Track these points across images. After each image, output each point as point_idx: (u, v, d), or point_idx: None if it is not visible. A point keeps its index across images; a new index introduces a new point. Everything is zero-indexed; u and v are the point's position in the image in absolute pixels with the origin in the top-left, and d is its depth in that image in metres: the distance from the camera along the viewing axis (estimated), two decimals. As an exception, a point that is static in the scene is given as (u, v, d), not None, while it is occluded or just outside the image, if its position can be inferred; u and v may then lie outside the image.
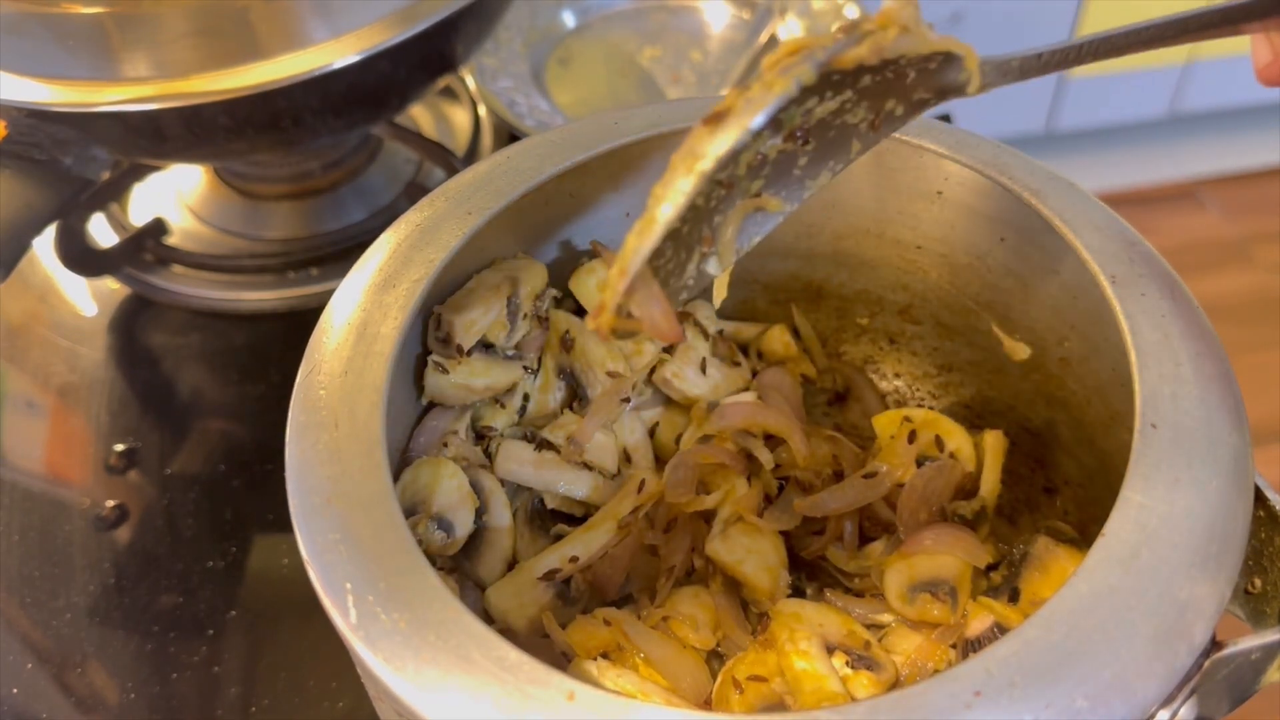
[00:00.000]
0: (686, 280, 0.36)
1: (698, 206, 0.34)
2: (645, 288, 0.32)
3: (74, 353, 0.66)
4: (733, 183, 0.35)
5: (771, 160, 0.35)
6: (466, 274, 0.44)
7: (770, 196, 0.36)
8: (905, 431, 0.46)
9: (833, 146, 0.36)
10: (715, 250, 0.36)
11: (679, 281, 0.36)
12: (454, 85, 0.83)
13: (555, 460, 0.46)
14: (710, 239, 0.36)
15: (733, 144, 0.30)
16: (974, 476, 0.46)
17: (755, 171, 0.35)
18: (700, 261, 0.36)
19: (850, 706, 0.27)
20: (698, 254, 0.36)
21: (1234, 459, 0.32)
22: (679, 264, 0.35)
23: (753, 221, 0.37)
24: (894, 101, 0.35)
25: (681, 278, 0.36)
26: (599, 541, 0.45)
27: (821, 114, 0.34)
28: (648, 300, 0.32)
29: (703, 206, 0.35)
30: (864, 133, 0.36)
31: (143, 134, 0.58)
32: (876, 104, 0.35)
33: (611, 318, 0.32)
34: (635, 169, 0.46)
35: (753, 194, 0.36)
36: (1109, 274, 0.37)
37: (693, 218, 0.34)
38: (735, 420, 0.48)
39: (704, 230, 0.35)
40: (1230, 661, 0.30)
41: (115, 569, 0.55)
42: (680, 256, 0.35)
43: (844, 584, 0.46)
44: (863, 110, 0.35)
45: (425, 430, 0.44)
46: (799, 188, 0.36)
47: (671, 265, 0.35)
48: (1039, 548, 0.41)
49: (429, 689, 0.28)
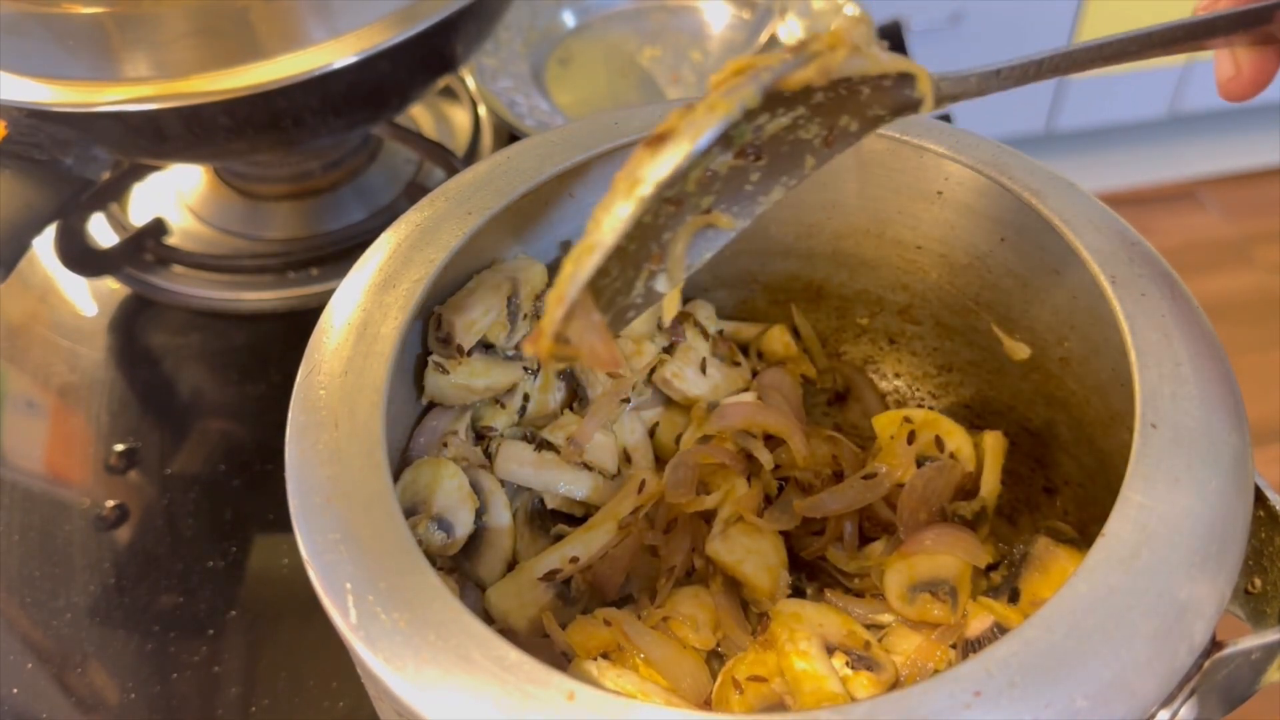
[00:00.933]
0: (634, 299, 0.35)
1: (645, 224, 0.33)
2: (584, 316, 0.31)
3: (74, 353, 0.66)
4: (682, 199, 0.34)
5: (722, 176, 0.34)
6: (466, 274, 0.44)
7: (721, 213, 0.35)
8: (905, 432, 0.46)
9: (785, 162, 0.35)
10: (664, 268, 0.35)
11: (626, 300, 0.35)
12: (454, 85, 0.83)
13: (555, 461, 0.46)
14: (659, 256, 0.35)
15: (674, 169, 0.29)
16: (974, 477, 0.46)
17: (705, 187, 0.34)
18: (649, 279, 0.35)
19: (850, 706, 0.27)
20: (646, 271, 0.35)
21: (1234, 459, 0.32)
22: (626, 282, 0.34)
23: (703, 238, 0.36)
24: (848, 118, 0.34)
25: (629, 296, 0.35)
26: (599, 542, 0.45)
27: (773, 130, 0.33)
28: (586, 328, 0.31)
29: (650, 223, 0.34)
30: (818, 148, 0.35)
31: (143, 134, 0.58)
32: (830, 120, 0.34)
33: (550, 344, 0.31)
34: (635, 169, 0.46)
35: (703, 210, 0.35)
36: (1109, 274, 0.37)
37: (640, 235, 0.34)
38: (735, 420, 0.48)
39: (652, 248, 0.35)
40: (1230, 661, 0.30)
41: (115, 569, 0.55)
42: (628, 274, 0.34)
43: (844, 584, 0.46)
44: (816, 126, 0.34)
45: (425, 430, 0.44)
46: (751, 203, 0.36)
47: (619, 284, 0.34)
48: (1039, 548, 0.41)
49: (429, 689, 0.28)
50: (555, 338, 0.31)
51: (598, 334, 0.32)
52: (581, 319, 0.31)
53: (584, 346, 0.31)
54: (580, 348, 0.31)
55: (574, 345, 0.31)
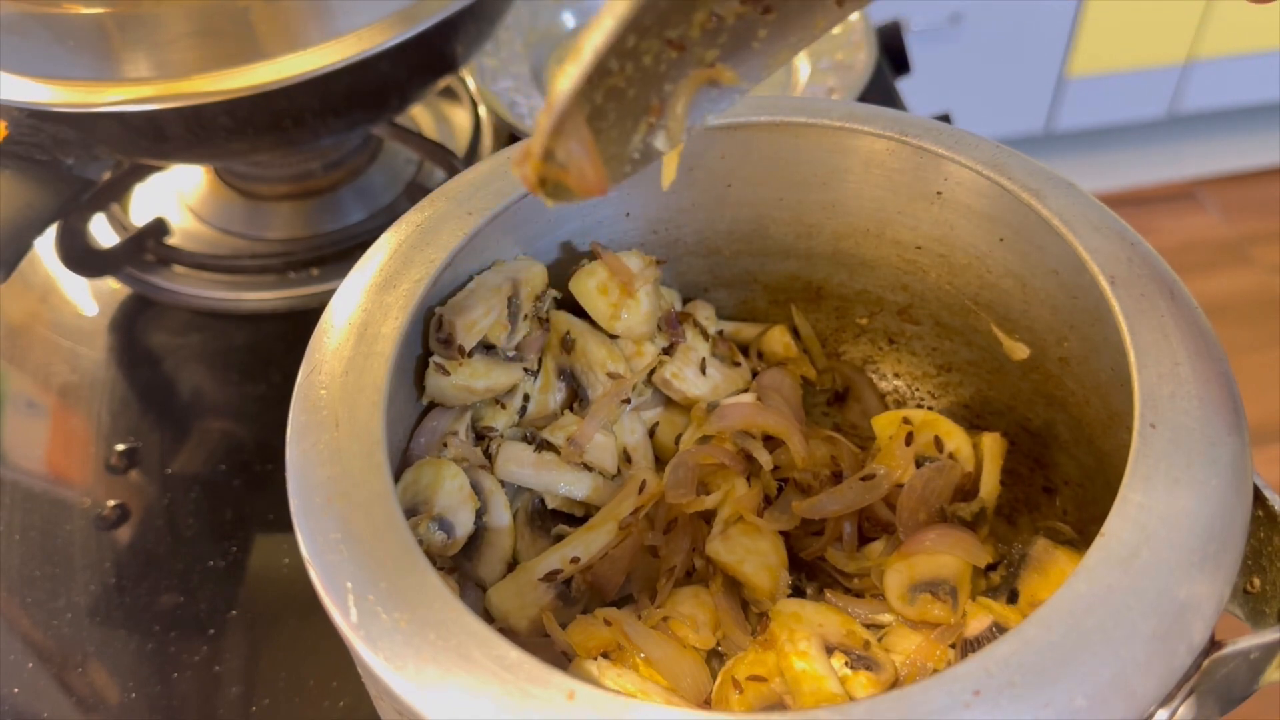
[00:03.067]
0: (631, 152, 0.33)
1: (645, 67, 0.31)
2: (574, 133, 0.29)
3: (75, 353, 0.67)
4: (685, 44, 0.31)
5: (729, 27, 0.31)
6: (467, 275, 0.44)
7: (725, 68, 0.33)
8: (904, 433, 0.46)
9: (795, 18, 0.32)
10: (664, 123, 0.33)
11: (622, 150, 0.32)
12: (454, 85, 0.83)
13: (555, 461, 0.46)
14: (659, 108, 0.32)
15: None
16: (973, 477, 0.46)
17: (711, 38, 0.31)
18: (647, 134, 0.33)
19: (849, 706, 0.27)
20: (644, 124, 0.32)
21: (1233, 459, 0.32)
22: (623, 132, 0.32)
23: (706, 97, 0.33)
24: None
25: (625, 148, 0.32)
26: (600, 542, 0.45)
27: None
28: (576, 148, 0.29)
29: (651, 68, 0.31)
30: (829, 7, 0.33)
31: (143, 134, 0.58)
32: None
33: (538, 163, 0.29)
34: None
35: (707, 64, 0.32)
36: (1108, 274, 0.37)
37: (640, 79, 0.31)
38: (734, 421, 0.48)
39: (652, 98, 0.32)
40: (1229, 661, 0.30)
41: (116, 569, 0.55)
42: (625, 125, 0.32)
43: (844, 584, 0.46)
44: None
45: (425, 431, 0.44)
46: (758, 64, 0.33)
47: (615, 132, 0.32)
48: (1038, 549, 0.41)
49: (429, 688, 0.28)
50: (544, 154, 0.29)
51: (587, 155, 0.30)
52: (571, 137, 0.29)
53: (572, 167, 0.30)
54: (568, 168, 0.30)
55: (561, 165, 0.30)
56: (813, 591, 0.47)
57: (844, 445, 0.49)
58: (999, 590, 0.43)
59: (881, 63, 0.82)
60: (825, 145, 0.46)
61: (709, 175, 0.48)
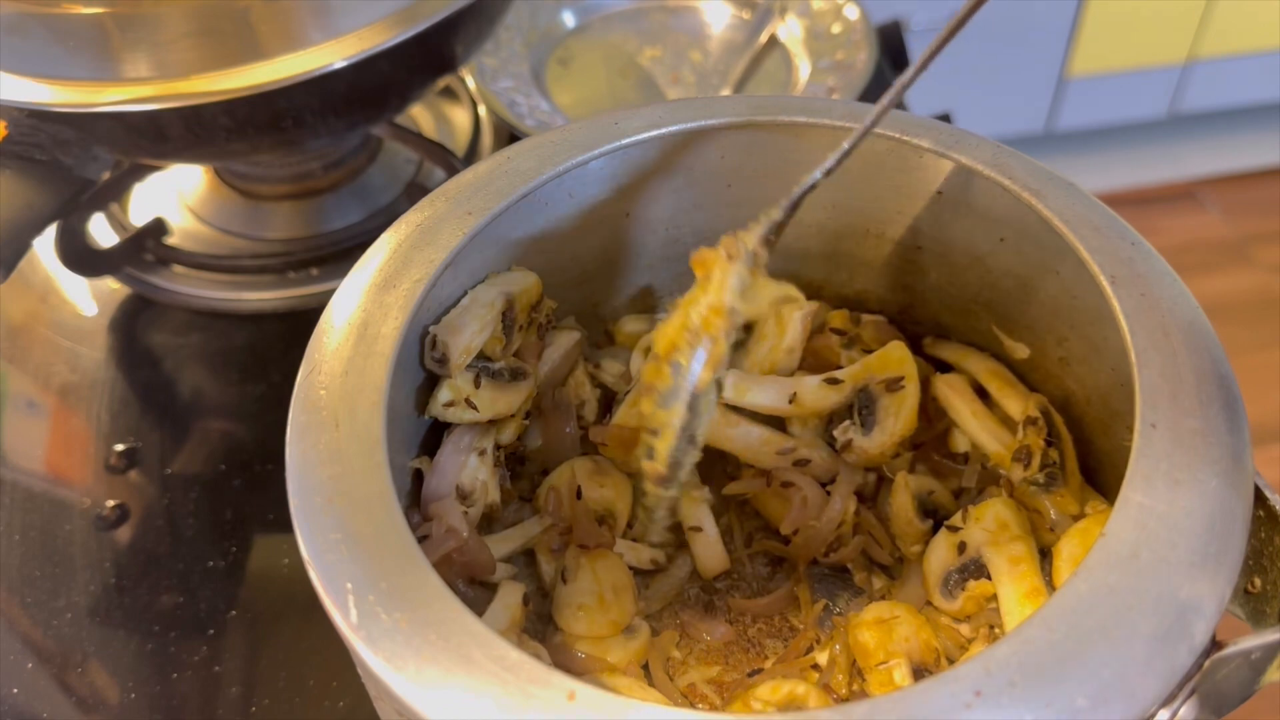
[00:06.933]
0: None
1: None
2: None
3: (74, 353, 0.67)
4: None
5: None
6: (461, 289, 0.44)
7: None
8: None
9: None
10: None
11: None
12: (454, 85, 0.83)
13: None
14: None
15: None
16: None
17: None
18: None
19: (850, 706, 0.27)
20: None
21: (1233, 459, 0.32)
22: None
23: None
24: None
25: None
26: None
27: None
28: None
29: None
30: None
31: (143, 134, 0.58)
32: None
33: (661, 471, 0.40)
34: (635, 169, 0.46)
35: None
36: (1109, 274, 0.37)
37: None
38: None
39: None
40: (1230, 661, 0.30)
41: (116, 569, 0.55)
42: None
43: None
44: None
45: (448, 452, 0.44)
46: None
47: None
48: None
49: (430, 688, 0.28)
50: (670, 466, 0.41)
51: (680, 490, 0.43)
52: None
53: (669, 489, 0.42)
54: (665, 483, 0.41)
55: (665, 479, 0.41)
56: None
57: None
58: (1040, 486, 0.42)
59: (881, 62, 0.82)
60: (825, 145, 0.46)
61: (709, 175, 0.48)
